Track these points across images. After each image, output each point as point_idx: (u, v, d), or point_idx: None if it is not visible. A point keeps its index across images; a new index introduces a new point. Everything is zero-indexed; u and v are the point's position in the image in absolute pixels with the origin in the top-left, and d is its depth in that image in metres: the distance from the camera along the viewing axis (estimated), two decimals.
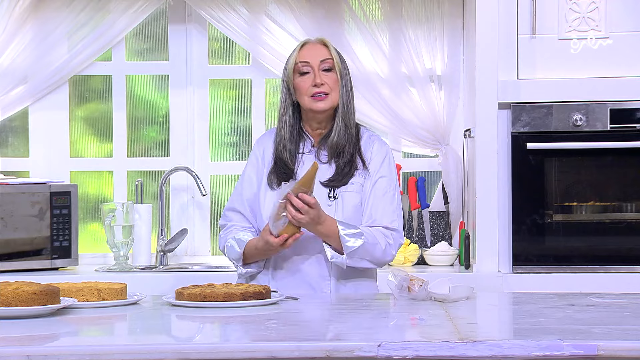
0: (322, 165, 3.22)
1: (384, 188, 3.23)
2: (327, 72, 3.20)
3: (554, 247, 4.16)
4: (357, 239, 3.13)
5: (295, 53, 3.22)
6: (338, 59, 3.23)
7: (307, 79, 3.19)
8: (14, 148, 4.68)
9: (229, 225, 3.30)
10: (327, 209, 3.17)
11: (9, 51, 4.51)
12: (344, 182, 3.21)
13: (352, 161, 3.22)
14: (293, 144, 3.23)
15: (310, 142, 3.26)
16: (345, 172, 3.21)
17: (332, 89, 3.19)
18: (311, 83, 3.17)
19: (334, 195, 3.20)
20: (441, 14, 4.57)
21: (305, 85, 3.19)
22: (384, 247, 3.18)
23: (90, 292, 2.79)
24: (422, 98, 4.57)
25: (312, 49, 3.22)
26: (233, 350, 2.21)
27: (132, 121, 4.74)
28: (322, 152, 3.24)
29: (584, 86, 4.13)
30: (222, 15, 4.55)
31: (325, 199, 3.19)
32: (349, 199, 3.21)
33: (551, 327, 2.42)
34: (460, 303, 2.85)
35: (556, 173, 4.18)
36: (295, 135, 3.24)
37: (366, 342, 2.21)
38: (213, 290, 2.81)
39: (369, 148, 3.26)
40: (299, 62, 3.19)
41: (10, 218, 4.23)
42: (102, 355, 2.19)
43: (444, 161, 4.58)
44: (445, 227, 4.57)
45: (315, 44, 3.23)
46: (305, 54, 3.20)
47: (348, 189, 3.21)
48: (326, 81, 3.19)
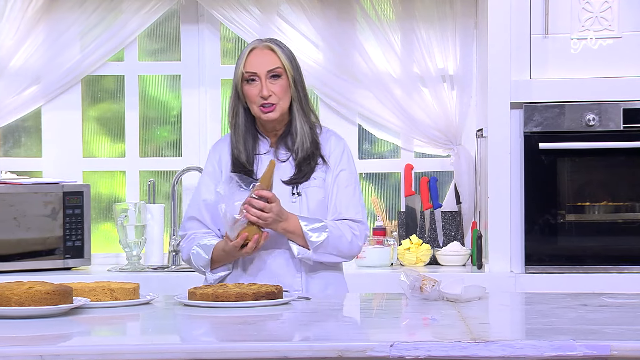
0: (282, 164, 3.21)
1: (345, 181, 3.24)
2: (276, 78, 3.16)
3: (567, 247, 4.15)
4: (320, 232, 3.14)
5: (242, 61, 3.17)
6: (288, 62, 3.17)
7: (255, 88, 3.16)
8: (26, 148, 4.70)
9: (189, 234, 3.27)
10: (292, 205, 3.17)
11: (22, 52, 4.53)
12: (305, 179, 3.21)
13: (311, 157, 3.21)
14: (249, 146, 3.21)
15: (267, 142, 3.25)
16: (306, 169, 3.20)
17: (281, 98, 3.16)
18: (258, 93, 3.15)
19: (297, 191, 3.20)
20: (453, 14, 4.56)
21: (254, 94, 3.16)
22: (350, 239, 3.19)
23: (103, 292, 2.80)
24: (434, 98, 4.57)
25: (259, 57, 3.16)
26: (245, 350, 2.21)
27: (144, 121, 4.74)
28: (280, 151, 3.23)
29: (596, 86, 4.12)
30: (234, 15, 4.56)
31: (289, 196, 3.18)
32: (312, 194, 3.21)
33: (564, 327, 2.42)
34: (473, 303, 2.84)
35: (569, 173, 4.17)
36: (251, 137, 3.22)
37: (378, 342, 2.21)
38: (225, 290, 2.82)
39: (326, 143, 3.26)
40: (247, 72, 3.16)
41: (23, 218, 4.24)
42: (115, 355, 2.20)
43: (456, 161, 4.58)
44: (457, 227, 4.57)
45: (263, 50, 3.17)
46: (252, 63, 3.16)
47: (311, 184, 3.21)
48: (274, 91, 3.15)
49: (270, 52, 3.17)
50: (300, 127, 3.20)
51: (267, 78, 3.15)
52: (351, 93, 4.60)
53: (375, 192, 4.72)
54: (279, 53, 3.17)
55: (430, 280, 2.91)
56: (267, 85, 3.15)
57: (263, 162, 3.21)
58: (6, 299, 2.57)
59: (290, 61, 3.19)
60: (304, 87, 3.22)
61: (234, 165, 3.21)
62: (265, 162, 3.20)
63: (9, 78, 4.53)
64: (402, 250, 4.45)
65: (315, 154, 3.21)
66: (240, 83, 3.18)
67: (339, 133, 4.65)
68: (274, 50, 3.17)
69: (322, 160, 3.23)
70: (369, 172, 4.74)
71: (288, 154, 3.22)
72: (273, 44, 3.19)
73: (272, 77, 3.16)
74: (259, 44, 3.19)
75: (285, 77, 3.17)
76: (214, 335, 2.43)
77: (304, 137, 3.20)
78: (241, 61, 3.17)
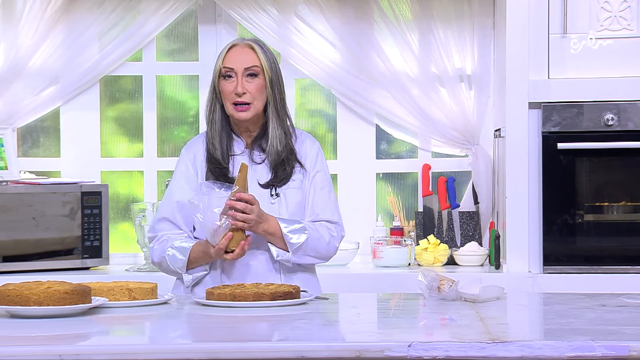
0: (257, 165, 3.21)
1: (321, 183, 3.25)
2: (253, 77, 3.16)
3: (585, 247, 4.13)
4: (300, 234, 3.14)
5: (221, 56, 3.17)
6: (267, 62, 3.17)
7: (230, 85, 3.15)
8: (45, 148, 4.72)
9: (160, 235, 3.23)
10: (271, 207, 3.16)
11: (41, 52, 4.54)
12: (283, 183, 3.20)
13: (287, 162, 3.21)
14: (224, 143, 3.20)
15: (242, 143, 3.24)
16: (282, 174, 3.20)
17: (255, 97, 3.16)
18: (233, 90, 3.15)
19: (276, 193, 3.20)
20: (471, 14, 4.55)
21: (228, 90, 3.16)
22: (328, 240, 3.20)
23: (121, 291, 2.80)
24: (452, 98, 4.56)
25: (239, 54, 3.16)
26: (262, 350, 2.21)
27: (162, 121, 4.75)
28: (255, 152, 3.22)
29: (615, 86, 4.10)
30: (251, 15, 4.56)
31: (267, 198, 3.18)
32: (291, 195, 3.20)
33: (582, 327, 2.41)
34: (491, 303, 2.84)
35: (587, 173, 4.16)
36: (226, 135, 3.22)
37: (396, 342, 2.20)
38: (243, 290, 2.82)
39: (301, 145, 3.26)
40: (223, 67, 3.16)
41: (42, 218, 4.26)
42: (133, 354, 2.20)
43: (474, 161, 4.57)
44: (475, 227, 4.56)
45: (243, 48, 3.17)
46: (231, 59, 3.16)
47: (290, 185, 3.21)
48: (249, 89, 3.15)
49: (250, 50, 3.17)
50: (273, 130, 3.19)
51: (243, 75, 3.15)
52: (369, 93, 4.60)
53: (392, 192, 4.71)
54: (259, 52, 3.17)
55: (448, 281, 2.90)
56: (243, 83, 3.14)
57: (238, 162, 3.20)
58: (25, 299, 2.58)
59: (270, 62, 3.19)
60: (281, 90, 3.21)
61: (209, 162, 3.20)
62: (239, 163, 3.19)
63: (28, 78, 4.54)
64: (420, 251, 4.44)
65: (290, 158, 3.21)
66: (217, 79, 3.18)
67: (356, 133, 4.69)
68: (254, 49, 3.17)
69: (298, 164, 3.22)
70: (387, 172, 4.73)
71: (263, 155, 3.22)
72: (254, 43, 3.19)
73: (248, 75, 3.15)
74: (240, 42, 3.20)
75: (262, 77, 3.17)
76: (232, 335, 2.43)
77: (275, 140, 3.19)
78: (220, 57, 3.18)
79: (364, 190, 4.71)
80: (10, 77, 4.51)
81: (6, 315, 2.63)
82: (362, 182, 4.71)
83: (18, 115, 4.57)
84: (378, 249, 4.39)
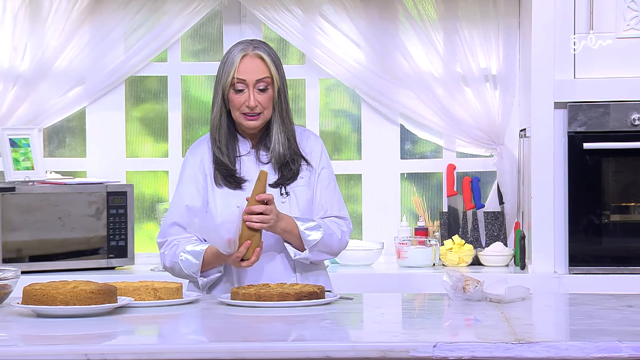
0: (264, 165, 3.22)
1: (327, 179, 3.26)
2: (263, 89, 3.17)
3: (611, 247, 4.11)
4: (316, 231, 3.15)
5: (234, 67, 3.17)
6: (276, 72, 3.18)
7: (242, 97, 3.16)
8: (71, 148, 4.74)
9: (170, 240, 3.22)
10: (282, 206, 3.16)
11: (67, 53, 4.57)
12: (291, 181, 3.21)
13: (291, 162, 3.21)
14: (231, 145, 3.22)
15: (248, 144, 3.25)
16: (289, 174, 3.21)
17: (265, 107, 3.18)
18: (245, 102, 3.16)
19: (286, 191, 3.21)
20: (496, 13, 4.54)
21: (239, 102, 3.17)
22: (340, 236, 3.21)
23: (147, 291, 2.81)
24: (477, 98, 4.55)
25: (251, 65, 3.16)
26: (287, 350, 2.22)
27: (187, 121, 4.77)
28: (261, 152, 3.23)
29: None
30: (276, 15, 4.57)
31: (278, 197, 3.18)
32: (301, 193, 3.21)
33: (608, 328, 2.40)
34: (516, 304, 2.83)
35: (613, 173, 4.14)
36: (232, 138, 3.23)
37: (421, 342, 2.20)
38: (268, 290, 2.82)
39: (306, 143, 3.27)
40: (236, 78, 3.16)
41: (68, 218, 4.28)
42: (159, 354, 2.21)
43: (499, 161, 4.55)
44: (500, 228, 4.54)
45: (253, 58, 3.17)
46: (243, 71, 3.16)
47: (299, 183, 3.22)
48: (260, 101, 3.16)
49: (259, 61, 3.18)
50: (276, 135, 3.21)
51: (254, 87, 3.17)
52: (393, 93, 4.60)
53: (417, 192, 4.71)
54: (269, 63, 3.18)
55: (473, 281, 2.89)
56: (255, 95, 3.16)
57: (245, 163, 3.22)
58: (52, 298, 2.60)
59: (278, 70, 3.20)
60: (286, 95, 3.24)
61: (217, 164, 3.20)
62: (245, 162, 3.21)
63: (54, 79, 4.57)
64: (445, 251, 4.44)
65: (295, 158, 3.22)
66: (227, 88, 3.18)
67: (380, 133, 4.68)
68: (263, 59, 3.18)
69: (304, 161, 3.24)
70: (411, 172, 4.73)
71: (269, 155, 3.23)
72: (263, 52, 3.18)
73: (259, 87, 3.17)
74: (249, 51, 3.18)
75: (272, 88, 3.19)
76: (257, 335, 2.44)
77: (277, 145, 3.20)
78: (232, 67, 3.17)
79: (389, 191, 4.70)
80: (37, 78, 4.53)
81: (33, 314, 2.64)
82: (386, 182, 4.70)
83: (44, 116, 4.59)
84: (402, 249, 4.39)
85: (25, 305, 2.63)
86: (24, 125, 4.51)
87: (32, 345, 2.28)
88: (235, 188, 3.18)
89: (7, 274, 2.83)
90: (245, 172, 3.20)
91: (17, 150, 4.39)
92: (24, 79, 4.52)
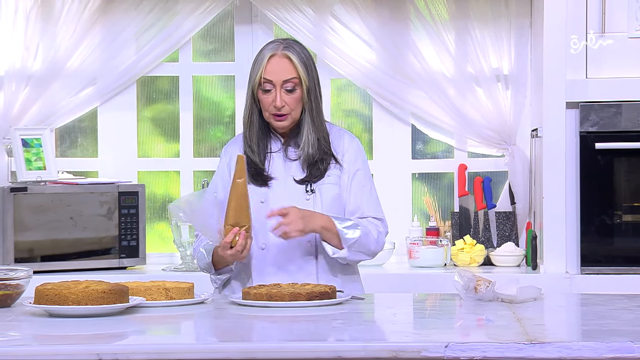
0: (292, 162, 3.23)
1: (363, 180, 3.26)
2: (291, 90, 3.17)
3: (623, 248, 4.10)
4: (354, 230, 3.15)
5: (261, 67, 3.17)
6: (304, 72, 3.18)
7: (269, 97, 3.17)
8: (83, 148, 4.75)
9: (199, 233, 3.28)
10: (306, 203, 3.17)
11: (79, 53, 4.58)
12: (318, 179, 3.21)
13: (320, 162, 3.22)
14: (262, 143, 3.23)
15: (279, 140, 3.26)
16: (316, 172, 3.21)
17: (293, 108, 3.19)
18: (272, 102, 3.17)
19: (311, 189, 3.21)
20: (508, 13, 4.53)
21: (267, 102, 3.18)
22: (376, 237, 3.21)
23: (158, 291, 2.82)
24: (489, 98, 4.54)
25: (278, 65, 3.17)
26: (299, 350, 2.22)
27: (198, 121, 4.77)
28: (290, 149, 3.25)
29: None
30: (287, 15, 4.57)
31: (302, 194, 3.19)
32: (326, 191, 3.21)
33: (621, 329, 2.39)
34: (528, 304, 2.82)
35: (625, 173, 4.13)
36: (263, 136, 3.24)
37: (433, 342, 2.20)
38: (279, 290, 2.82)
39: (339, 142, 3.27)
40: (264, 78, 3.17)
41: (80, 217, 4.29)
42: (171, 354, 2.22)
43: (511, 161, 4.55)
44: (511, 228, 4.54)
45: (281, 59, 3.17)
46: (270, 71, 3.16)
47: (325, 181, 3.22)
48: (287, 102, 3.17)
49: (287, 61, 3.18)
50: (306, 135, 3.21)
51: (281, 88, 3.17)
52: (404, 93, 4.59)
53: (428, 192, 4.70)
54: (296, 63, 3.17)
55: (485, 281, 2.89)
56: (281, 95, 3.17)
57: (274, 160, 3.24)
58: (64, 298, 2.60)
59: (307, 70, 3.19)
60: (317, 95, 3.23)
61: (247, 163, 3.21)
62: (275, 160, 3.23)
63: (66, 79, 4.58)
64: (456, 251, 4.43)
65: (324, 158, 3.22)
66: (257, 88, 3.19)
67: (391, 133, 4.68)
68: (291, 59, 3.17)
69: (334, 160, 3.24)
70: (422, 172, 4.72)
71: (298, 152, 3.24)
72: (291, 53, 3.18)
73: (286, 88, 3.17)
74: (278, 51, 3.18)
75: (300, 89, 3.19)
76: (268, 335, 2.44)
77: (307, 145, 3.21)
78: (260, 67, 3.17)
79: (400, 191, 4.70)
80: (49, 78, 4.54)
81: (45, 314, 2.65)
82: (397, 182, 4.70)
83: (56, 116, 4.60)
84: (414, 249, 4.38)
85: (37, 305, 2.63)
86: (36, 125, 4.52)
87: (44, 345, 2.28)
88: (261, 185, 3.20)
89: (20, 274, 2.83)
90: (273, 169, 3.23)
91: (29, 150, 4.40)
92: (36, 79, 4.54)
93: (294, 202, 3.16)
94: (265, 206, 3.16)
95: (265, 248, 3.18)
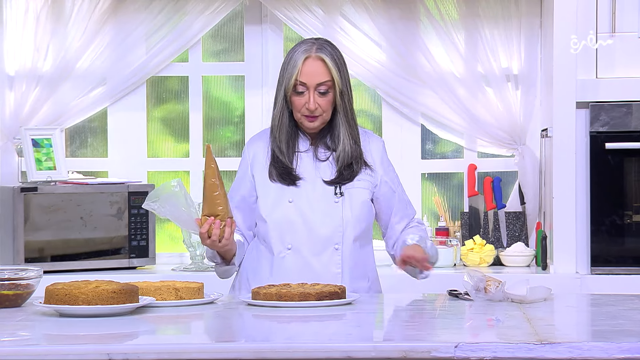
0: (321, 163, 3.22)
1: (397, 182, 3.31)
2: (324, 92, 3.16)
3: (634, 248, 4.10)
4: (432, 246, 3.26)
5: (296, 69, 3.15)
6: (337, 75, 3.17)
7: (302, 99, 3.16)
8: (93, 148, 4.76)
9: None
10: (334, 205, 3.17)
11: (89, 53, 4.58)
12: (348, 181, 3.21)
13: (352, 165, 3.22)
14: (291, 143, 3.23)
15: (307, 140, 3.25)
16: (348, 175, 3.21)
17: (325, 110, 3.18)
18: (305, 104, 3.16)
19: (340, 191, 3.21)
20: (518, 13, 4.53)
21: (299, 104, 3.17)
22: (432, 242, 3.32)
23: (168, 291, 2.82)
24: (498, 97, 4.54)
25: (313, 67, 3.15)
26: (309, 350, 2.22)
27: (208, 122, 4.78)
28: (320, 149, 3.24)
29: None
30: (297, 15, 4.57)
31: (331, 196, 3.19)
32: (357, 195, 3.21)
33: (632, 329, 2.39)
34: (538, 304, 2.82)
35: (636, 173, 4.12)
36: (292, 135, 3.23)
37: (443, 342, 2.20)
38: (289, 290, 2.82)
39: (367, 145, 3.27)
40: (299, 81, 3.15)
41: (90, 217, 4.29)
42: (181, 353, 2.22)
43: (521, 161, 4.54)
44: (521, 228, 4.53)
45: (316, 61, 3.16)
46: (305, 73, 3.15)
47: (355, 185, 3.21)
48: (320, 104, 3.16)
49: (321, 64, 3.16)
50: (344, 137, 3.21)
51: (315, 90, 3.16)
52: (414, 93, 4.59)
53: (438, 192, 4.70)
54: (330, 66, 3.16)
55: (495, 281, 2.89)
56: (315, 98, 3.16)
57: (302, 159, 3.22)
58: (74, 298, 2.61)
59: (340, 72, 3.18)
60: (350, 97, 3.22)
61: (274, 161, 3.22)
62: (304, 160, 3.22)
63: (76, 79, 4.59)
64: (466, 251, 4.43)
65: (358, 161, 3.23)
66: (290, 89, 3.18)
67: (401, 133, 4.67)
68: (325, 62, 3.16)
69: (365, 164, 3.25)
70: (432, 172, 4.72)
71: (328, 152, 3.23)
72: (325, 54, 3.16)
73: (320, 90, 3.16)
74: (311, 52, 3.16)
75: (333, 91, 3.18)
76: (278, 335, 2.44)
77: (347, 146, 3.21)
78: (294, 69, 3.15)
79: (409, 191, 4.65)
80: (59, 79, 4.55)
81: (55, 314, 2.66)
82: (407, 182, 4.67)
83: (66, 116, 4.61)
84: None
85: (47, 305, 2.64)
86: (46, 125, 4.53)
87: (54, 345, 2.29)
88: (290, 184, 3.20)
89: (30, 274, 2.84)
90: (302, 169, 3.21)
91: (40, 151, 4.41)
92: (46, 80, 4.55)
93: (323, 203, 3.17)
94: (293, 206, 3.16)
95: (292, 248, 3.17)
